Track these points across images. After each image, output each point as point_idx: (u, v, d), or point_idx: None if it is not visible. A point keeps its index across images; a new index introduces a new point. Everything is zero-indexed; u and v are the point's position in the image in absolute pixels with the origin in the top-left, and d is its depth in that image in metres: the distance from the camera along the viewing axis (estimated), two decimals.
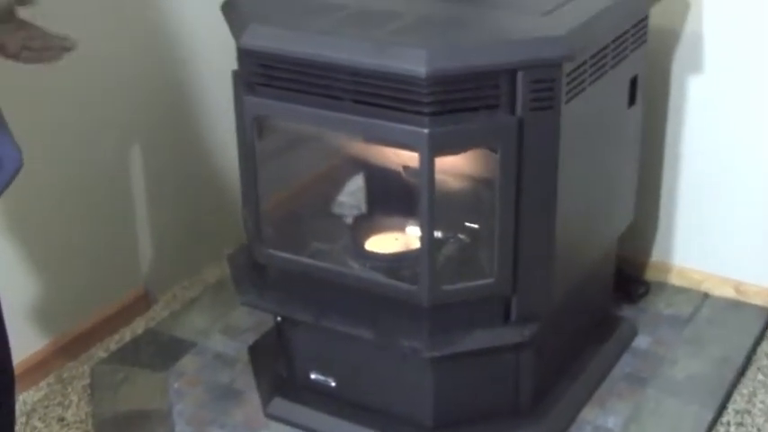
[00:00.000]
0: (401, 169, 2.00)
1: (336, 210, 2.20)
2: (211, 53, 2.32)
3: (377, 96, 1.73)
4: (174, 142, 2.41)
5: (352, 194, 2.23)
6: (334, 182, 2.21)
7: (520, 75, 1.71)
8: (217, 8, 1.96)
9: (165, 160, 2.40)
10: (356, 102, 1.75)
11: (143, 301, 2.44)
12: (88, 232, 2.26)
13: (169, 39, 2.33)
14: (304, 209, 2.15)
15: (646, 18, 2.04)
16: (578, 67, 1.79)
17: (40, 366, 2.19)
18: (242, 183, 1.96)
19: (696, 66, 2.24)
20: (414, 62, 1.67)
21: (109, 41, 2.18)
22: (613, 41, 1.91)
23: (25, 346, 2.15)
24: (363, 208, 2.20)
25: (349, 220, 2.17)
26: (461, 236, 2.00)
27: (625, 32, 1.96)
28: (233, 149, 1.98)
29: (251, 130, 1.88)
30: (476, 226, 1.99)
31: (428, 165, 1.72)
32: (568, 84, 1.77)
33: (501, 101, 1.72)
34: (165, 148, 2.39)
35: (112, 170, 2.29)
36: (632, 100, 2.05)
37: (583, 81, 1.82)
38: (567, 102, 1.77)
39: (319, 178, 2.21)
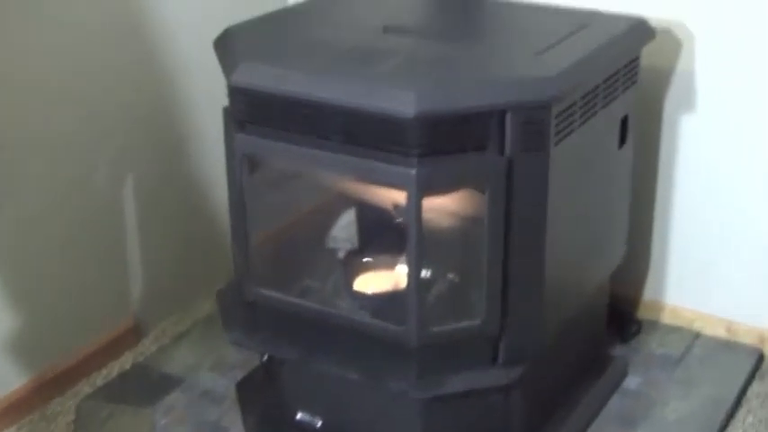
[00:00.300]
0: (392, 207, 1.99)
1: (329, 244, 2.19)
2: (205, 87, 2.32)
3: (366, 136, 1.73)
4: (165, 174, 2.40)
5: (345, 228, 2.22)
6: (326, 216, 2.20)
7: (509, 116, 1.71)
8: (210, 43, 1.96)
9: (157, 192, 2.39)
10: (345, 141, 1.75)
11: (132, 335, 2.42)
12: (77, 263, 2.25)
13: (163, 71, 2.33)
14: (294, 244, 2.15)
15: (637, 58, 2.04)
16: (568, 107, 1.79)
17: (24, 403, 2.17)
18: (231, 220, 1.96)
19: (688, 104, 2.24)
20: (402, 103, 1.66)
21: (102, 74, 2.18)
22: (604, 82, 1.91)
23: (7, 382, 2.14)
24: (355, 242, 2.19)
25: (341, 254, 2.17)
26: (450, 275, 1.99)
27: (616, 72, 1.96)
28: (225, 182, 1.98)
29: (240, 167, 1.88)
30: (465, 265, 1.98)
31: (416, 205, 1.71)
32: (558, 124, 1.77)
33: (490, 141, 1.72)
34: (156, 180, 2.38)
35: (102, 200, 2.28)
36: (623, 139, 2.05)
37: (572, 122, 1.82)
38: (557, 143, 1.77)
39: (310, 213, 2.21)
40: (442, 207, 1.89)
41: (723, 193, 2.27)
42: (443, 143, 1.70)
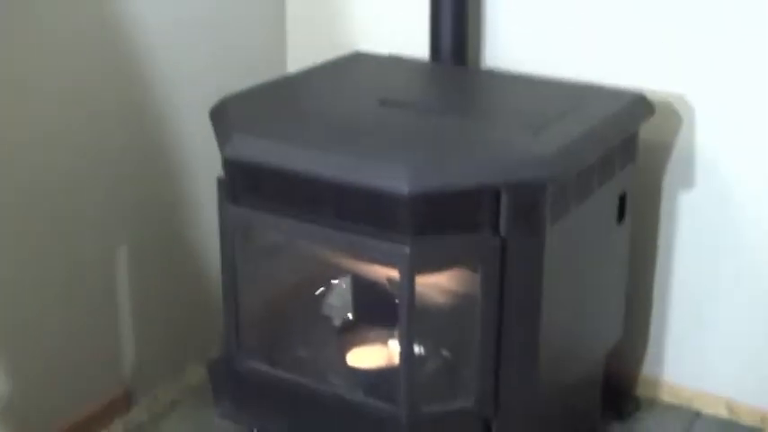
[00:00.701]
0: (386, 279, 1.98)
1: (325, 311, 2.17)
2: (202, 153, 2.32)
3: (359, 212, 1.72)
4: (159, 240, 2.39)
5: (340, 296, 2.20)
6: (320, 285, 2.18)
7: (504, 195, 1.69)
8: (206, 113, 1.96)
9: (150, 258, 2.38)
10: (339, 216, 1.74)
11: (124, 402, 2.39)
12: (68, 330, 2.22)
13: (159, 137, 2.32)
14: (287, 313, 2.13)
15: (636, 134, 2.03)
16: (564, 187, 1.78)
17: None
18: (223, 290, 1.94)
19: (687, 179, 2.22)
20: (396, 180, 1.65)
21: (96, 139, 2.18)
22: (601, 160, 1.89)
23: None
24: (350, 310, 2.17)
25: (337, 323, 2.14)
26: (444, 351, 1.97)
27: (614, 150, 1.94)
28: (219, 249, 1.96)
29: (233, 239, 1.87)
30: (458, 342, 1.96)
31: (409, 283, 1.69)
32: (553, 204, 1.75)
33: (484, 221, 1.71)
34: (149, 246, 2.37)
35: (94, 266, 2.27)
36: (621, 217, 2.03)
37: (569, 201, 1.80)
38: (553, 223, 1.75)
39: (303, 281, 2.19)
40: (436, 283, 1.87)
41: (722, 269, 2.24)
42: (437, 221, 1.69)
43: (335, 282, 2.16)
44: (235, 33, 2.44)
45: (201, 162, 2.28)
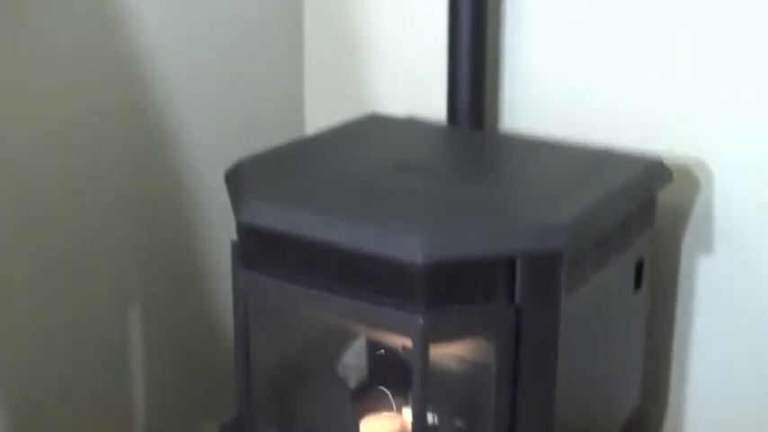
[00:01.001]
0: (400, 345, 1.96)
1: (340, 371, 2.15)
2: (218, 214, 2.31)
3: (372, 280, 1.70)
4: (173, 300, 2.38)
5: (355, 355, 2.18)
6: (334, 347, 2.16)
7: (519, 264, 1.68)
8: (222, 174, 1.96)
9: (163, 317, 2.37)
10: (352, 285, 1.72)
11: None
12: (77, 389, 2.21)
13: (175, 196, 2.32)
14: (300, 376, 2.10)
15: (654, 200, 2.01)
16: (580, 255, 1.76)
17: None
18: (235, 357, 1.92)
19: (705, 244, 2.19)
20: (410, 250, 1.64)
21: (110, 201, 2.18)
22: (619, 227, 1.88)
23: None
24: (365, 372, 2.15)
25: (352, 384, 2.12)
26: (457, 421, 1.94)
27: (631, 217, 1.92)
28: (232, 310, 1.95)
29: (245, 304, 1.86)
30: (472, 411, 1.93)
31: (422, 353, 1.67)
32: (570, 272, 1.73)
33: (499, 290, 1.69)
34: (163, 305, 2.36)
35: (107, 325, 2.26)
36: (638, 284, 2.01)
37: (585, 270, 1.78)
38: (568, 291, 1.73)
39: (318, 344, 2.17)
40: (450, 351, 1.85)
41: (742, 337, 2.20)
42: (451, 291, 1.67)
43: (348, 345, 2.14)
44: (253, 93, 2.45)
45: (217, 222, 2.27)
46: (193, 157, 2.32)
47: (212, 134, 2.34)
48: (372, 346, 2.13)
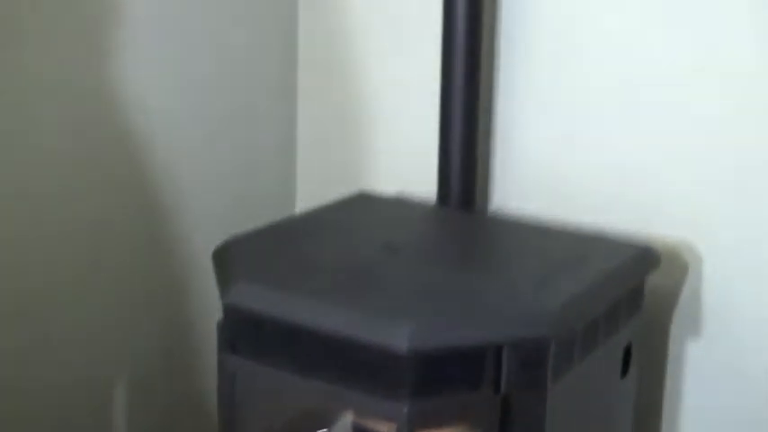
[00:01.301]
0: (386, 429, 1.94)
1: None
2: (206, 291, 2.31)
3: (357, 367, 1.69)
4: (157, 378, 2.36)
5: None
6: (320, 426, 2.14)
7: (505, 352, 1.67)
8: (210, 251, 1.96)
9: (149, 397, 2.35)
10: (336, 370, 1.71)
11: None
12: None
13: (164, 275, 2.32)
14: None
15: (642, 286, 2.01)
16: (568, 342, 1.75)
17: None
18: None
19: (694, 328, 2.19)
20: (396, 338, 1.62)
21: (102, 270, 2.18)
22: (607, 314, 1.87)
23: None
24: None
25: None
26: None
27: (620, 303, 1.92)
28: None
29: (231, 386, 1.85)
30: None
31: None
32: (556, 360, 1.72)
33: (485, 378, 1.67)
34: (149, 384, 2.34)
35: (91, 405, 2.24)
36: (625, 369, 1.99)
37: (572, 356, 1.77)
38: (555, 379, 1.72)
39: (303, 423, 2.15)
40: None
41: (732, 418, 2.18)
42: (437, 379, 1.66)
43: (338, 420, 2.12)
44: (247, 168, 2.46)
45: (206, 300, 2.27)
46: (184, 234, 2.32)
47: (205, 210, 2.35)
48: (358, 427, 2.11)
